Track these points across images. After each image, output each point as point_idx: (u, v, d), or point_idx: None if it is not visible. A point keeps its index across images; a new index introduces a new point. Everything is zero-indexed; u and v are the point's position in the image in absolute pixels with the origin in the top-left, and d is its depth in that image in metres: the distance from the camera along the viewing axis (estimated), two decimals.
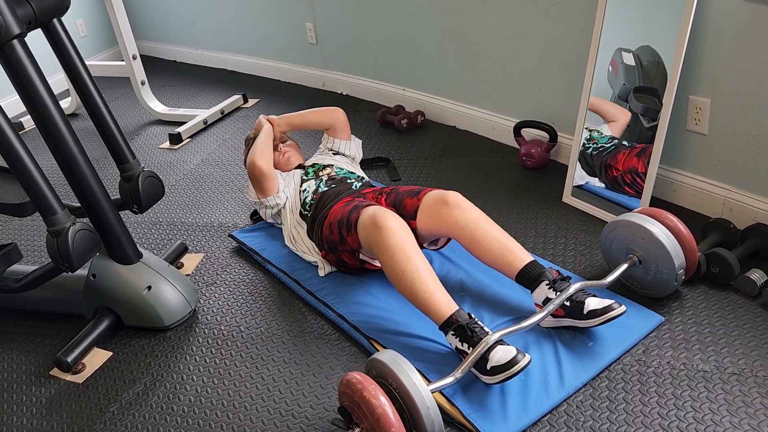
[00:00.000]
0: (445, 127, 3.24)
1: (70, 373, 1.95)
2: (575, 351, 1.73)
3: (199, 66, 4.72)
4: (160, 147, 3.49)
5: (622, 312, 1.68)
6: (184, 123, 3.59)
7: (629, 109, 2.28)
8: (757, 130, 2.04)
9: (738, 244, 2.03)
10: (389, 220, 1.82)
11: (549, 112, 2.74)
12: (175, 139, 3.47)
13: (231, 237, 2.49)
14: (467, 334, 1.64)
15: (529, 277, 1.81)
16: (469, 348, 1.63)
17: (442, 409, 1.56)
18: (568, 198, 2.48)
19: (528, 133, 2.83)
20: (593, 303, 1.70)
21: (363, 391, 1.40)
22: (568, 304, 1.74)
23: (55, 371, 1.97)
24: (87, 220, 1.94)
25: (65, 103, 3.97)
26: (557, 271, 1.82)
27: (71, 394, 1.88)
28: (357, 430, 1.45)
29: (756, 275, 1.85)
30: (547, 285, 1.77)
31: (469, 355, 1.58)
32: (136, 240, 2.14)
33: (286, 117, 2.57)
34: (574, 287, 1.75)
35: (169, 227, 2.69)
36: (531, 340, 1.78)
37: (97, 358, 1.99)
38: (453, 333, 1.67)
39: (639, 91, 2.25)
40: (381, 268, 1.96)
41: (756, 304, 1.85)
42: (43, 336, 2.14)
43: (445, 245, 2.15)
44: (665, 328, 1.80)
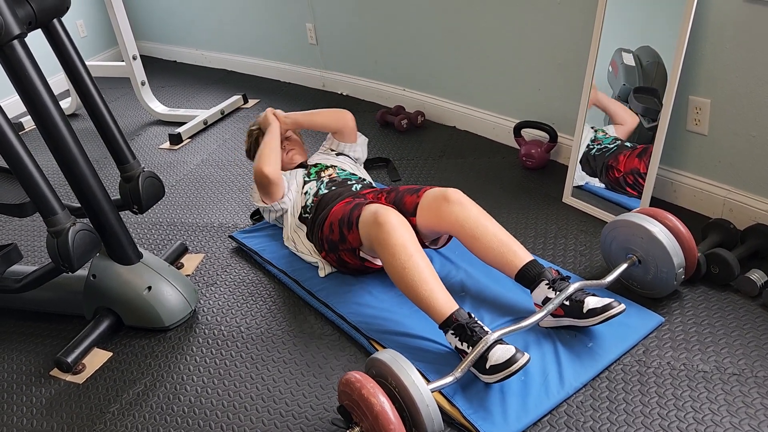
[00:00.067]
0: (445, 128, 3.24)
1: (71, 373, 1.95)
2: (575, 351, 1.73)
3: (199, 66, 4.72)
4: (160, 147, 3.49)
5: (622, 310, 1.68)
6: (184, 123, 3.59)
7: (629, 109, 2.28)
8: (757, 130, 2.04)
9: (738, 244, 2.03)
10: (391, 217, 1.82)
11: (549, 113, 2.74)
12: (175, 139, 3.48)
13: (231, 238, 2.49)
14: (467, 334, 1.64)
15: (528, 276, 1.81)
16: (468, 347, 1.63)
17: (442, 409, 1.56)
18: (568, 198, 2.48)
19: (528, 133, 2.83)
20: (593, 302, 1.70)
21: (362, 389, 1.40)
22: (567, 303, 1.74)
23: (55, 372, 1.97)
24: (87, 220, 1.94)
25: (65, 103, 3.97)
26: (557, 270, 1.82)
27: (71, 395, 1.88)
28: (357, 429, 1.45)
29: (756, 276, 1.85)
30: (546, 285, 1.77)
31: (468, 355, 1.58)
32: (136, 240, 2.14)
33: (293, 116, 2.53)
34: (573, 287, 1.75)
35: (170, 228, 2.69)
36: (531, 340, 1.78)
37: (98, 358, 1.99)
38: (453, 332, 1.67)
39: (639, 91, 2.25)
40: (381, 268, 1.96)
41: (756, 304, 1.84)
42: (43, 336, 2.14)
43: (446, 244, 2.15)
44: (665, 329, 1.80)
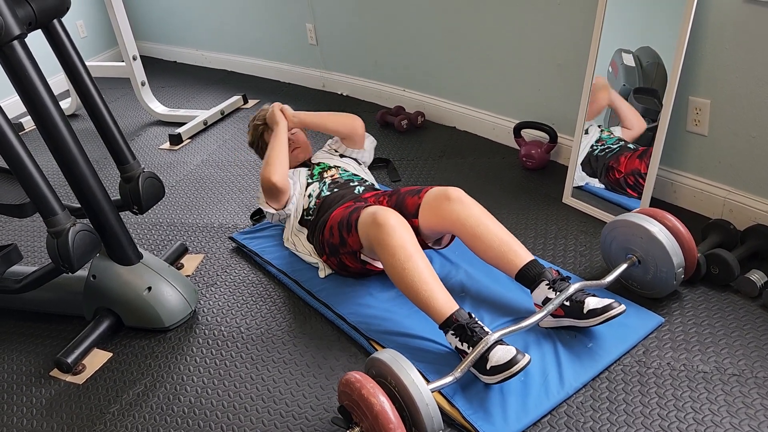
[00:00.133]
0: (445, 128, 3.24)
1: (71, 374, 1.95)
2: (575, 351, 1.73)
3: (199, 67, 4.72)
4: (161, 148, 3.49)
5: (622, 311, 1.68)
6: (185, 124, 3.59)
7: (640, 115, 2.27)
8: (757, 131, 2.04)
9: (738, 245, 2.03)
10: (390, 218, 1.82)
11: (549, 113, 2.74)
12: (176, 139, 3.48)
13: (231, 239, 2.49)
14: (467, 334, 1.64)
15: (529, 276, 1.81)
16: (468, 347, 1.63)
17: (442, 409, 1.55)
18: (568, 199, 2.48)
19: (528, 133, 2.83)
20: (593, 302, 1.70)
21: (361, 389, 1.40)
22: (567, 303, 1.74)
23: (55, 372, 1.97)
24: (87, 220, 1.94)
25: (65, 103, 3.97)
26: (557, 271, 1.82)
27: (71, 395, 1.88)
28: (357, 429, 1.45)
29: (756, 276, 1.85)
30: (546, 285, 1.77)
31: (468, 355, 1.58)
32: (136, 241, 2.14)
33: (300, 115, 2.44)
34: (573, 287, 1.75)
35: (170, 228, 2.69)
36: (531, 340, 1.78)
37: (98, 358, 1.99)
38: (453, 332, 1.67)
39: (639, 92, 2.25)
40: (382, 270, 1.96)
41: (756, 305, 1.84)
42: (43, 337, 2.14)
43: (448, 245, 2.14)
44: (665, 329, 1.80)
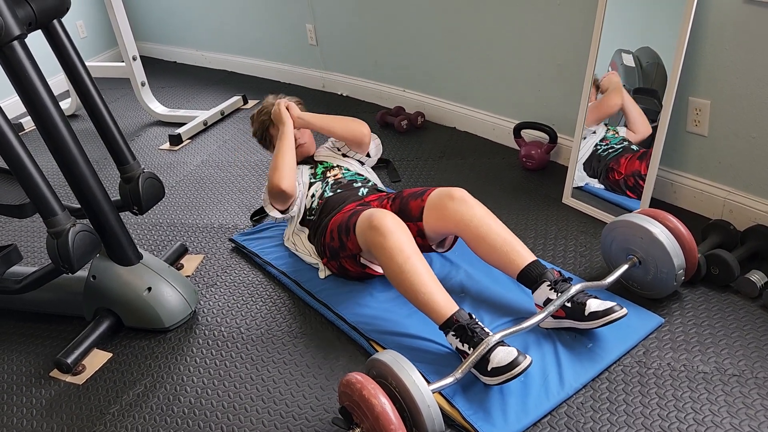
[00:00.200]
0: (445, 129, 3.24)
1: (70, 374, 1.95)
2: (575, 352, 1.73)
3: (199, 67, 4.72)
4: (160, 148, 3.49)
5: (624, 315, 1.68)
6: (184, 124, 3.59)
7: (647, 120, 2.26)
8: (757, 131, 2.04)
9: (738, 245, 2.03)
10: (386, 220, 1.81)
11: (549, 114, 2.74)
12: (175, 140, 3.47)
13: (231, 241, 2.49)
14: (468, 335, 1.64)
15: (530, 276, 1.81)
16: (469, 348, 1.63)
17: (442, 410, 1.55)
18: (568, 199, 2.48)
19: (528, 134, 2.83)
20: (594, 305, 1.70)
21: (362, 390, 1.40)
22: (569, 305, 1.73)
23: (55, 372, 1.97)
24: (87, 221, 1.94)
25: (65, 104, 3.97)
26: (559, 272, 1.82)
27: (71, 396, 1.88)
28: (357, 430, 1.45)
29: (756, 277, 1.85)
30: (548, 286, 1.77)
31: (469, 356, 1.58)
32: (136, 241, 2.14)
33: (306, 117, 2.37)
34: (574, 288, 1.75)
35: (169, 228, 2.69)
36: (531, 340, 1.78)
37: (97, 359, 1.99)
38: (453, 333, 1.67)
39: (639, 92, 2.25)
40: (382, 275, 1.96)
41: (756, 305, 1.84)
42: (43, 337, 2.13)
43: (451, 247, 2.14)
44: (665, 330, 1.80)
